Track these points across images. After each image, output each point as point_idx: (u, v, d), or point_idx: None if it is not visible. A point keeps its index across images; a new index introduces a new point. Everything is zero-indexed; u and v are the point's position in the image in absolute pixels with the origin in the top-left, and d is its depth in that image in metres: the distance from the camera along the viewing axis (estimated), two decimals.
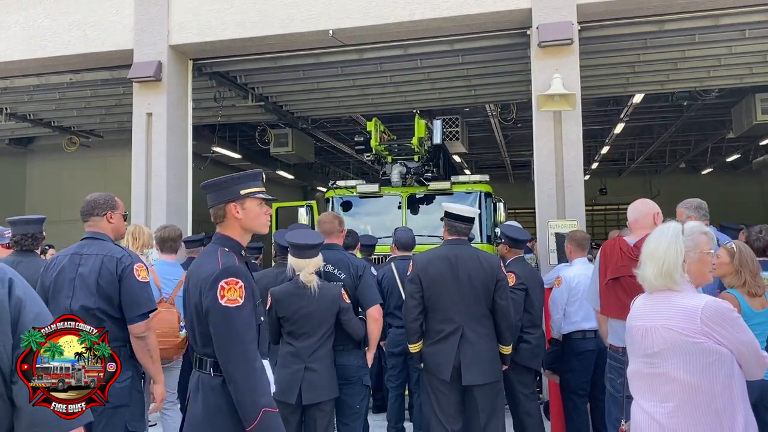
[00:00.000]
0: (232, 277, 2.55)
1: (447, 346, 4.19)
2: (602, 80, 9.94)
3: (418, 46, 8.32)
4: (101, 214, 3.77)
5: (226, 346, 2.51)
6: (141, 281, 3.63)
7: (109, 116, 11.69)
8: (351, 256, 4.70)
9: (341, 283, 4.32)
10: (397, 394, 5.63)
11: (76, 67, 8.93)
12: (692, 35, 8.12)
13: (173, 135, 8.20)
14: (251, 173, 2.80)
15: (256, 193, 2.73)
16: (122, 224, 3.95)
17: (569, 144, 7.10)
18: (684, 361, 2.40)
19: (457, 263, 4.27)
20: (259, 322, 2.67)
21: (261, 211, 2.76)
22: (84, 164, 14.31)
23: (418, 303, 4.28)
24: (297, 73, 9.43)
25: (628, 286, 3.81)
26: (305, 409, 4.06)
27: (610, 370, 4.01)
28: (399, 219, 9.10)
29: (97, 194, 3.86)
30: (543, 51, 7.12)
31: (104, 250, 3.64)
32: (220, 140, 13.75)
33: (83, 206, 3.80)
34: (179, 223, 8.23)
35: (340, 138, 15.53)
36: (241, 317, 2.53)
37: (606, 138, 16.39)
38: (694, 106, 13.02)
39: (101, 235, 3.74)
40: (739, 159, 19.57)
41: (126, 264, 3.60)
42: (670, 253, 2.50)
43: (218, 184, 2.76)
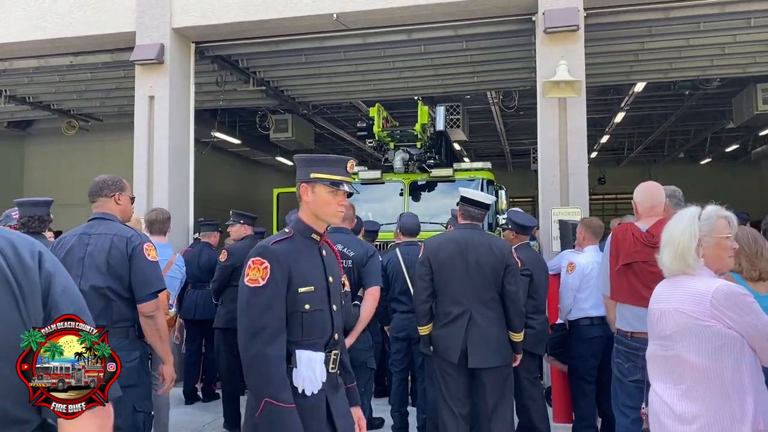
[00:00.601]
0: (259, 257, 2.44)
1: (455, 329, 4.22)
2: (605, 68, 9.90)
3: (422, 31, 8.27)
4: (109, 195, 3.76)
5: (239, 327, 2.44)
6: (151, 260, 3.63)
7: (108, 100, 11.62)
8: (360, 240, 4.75)
9: (346, 265, 4.32)
10: (401, 379, 5.63)
11: (76, 49, 8.85)
12: (697, 23, 8.09)
13: (175, 118, 8.16)
14: (331, 158, 2.62)
15: (326, 180, 2.54)
16: (130, 206, 3.94)
17: (574, 131, 7.09)
18: (694, 344, 2.41)
19: (467, 248, 4.29)
20: (301, 310, 2.46)
21: (332, 200, 2.56)
22: (83, 148, 14.24)
23: (428, 285, 4.32)
24: (299, 58, 9.37)
25: (640, 271, 3.82)
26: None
27: (617, 354, 4.02)
28: (401, 206, 9.08)
29: (105, 176, 3.85)
30: (549, 37, 7.09)
31: (113, 230, 3.64)
32: (220, 125, 13.70)
33: (91, 187, 3.80)
34: (181, 208, 8.24)
35: (340, 125, 15.47)
36: (256, 299, 2.40)
37: (606, 127, 16.36)
38: (695, 95, 13.00)
39: (109, 216, 3.74)
40: (738, 149, 19.57)
41: (136, 243, 3.60)
42: (684, 236, 2.51)
43: (299, 161, 2.64)
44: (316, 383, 2.44)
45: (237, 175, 17.98)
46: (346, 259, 4.41)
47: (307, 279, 2.51)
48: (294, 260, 2.49)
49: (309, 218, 2.60)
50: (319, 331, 2.52)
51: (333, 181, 2.53)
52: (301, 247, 2.56)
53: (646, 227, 3.98)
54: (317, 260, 2.61)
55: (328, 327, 2.56)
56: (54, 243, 3.88)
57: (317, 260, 2.61)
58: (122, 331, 3.53)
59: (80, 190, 12.77)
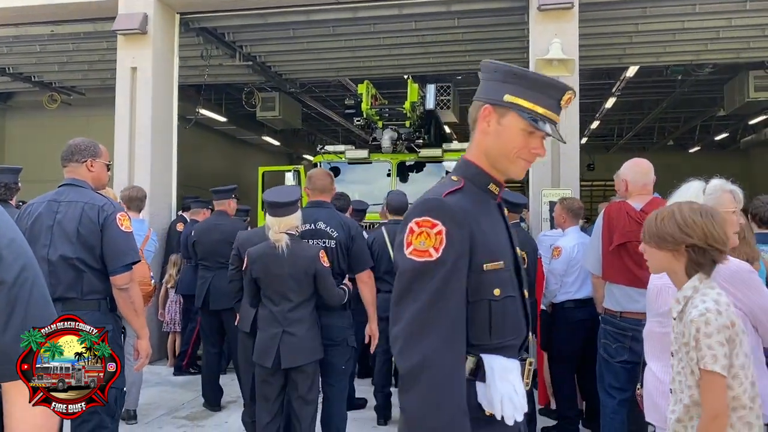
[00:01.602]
0: (429, 215, 1.63)
1: None
2: (598, 50, 9.76)
3: (414, 6, 8.10)
4: (81, 160, 3.56)
5: (393, 320, 1.64)
6: (124, 230, 3.44)
7: (91, 72, 11.34)
8: (342, 215, 4.56)
9: (329, 245, 4.16)
10: (385, 359, 5.53)
11: (57, 17, 8.59)
12: (693, 5, 7.98)
13: (159, 91, 7.94)
14: (541, 80, 1.75)
15: (526, 111, 1.69)
16: (104, 174, 3.72)
17: (566, 111, 6.94)
18: None
19: None
20: (489, 297, 1.67)
21: (523, 143, 1.73)
22: (65, 123, 13.90)
23: None
24: (287, 32, 9.16)
25: (635, 251, 3.70)
26: (287, 372, 3.94)
27: (604, 335, 3.93)
28: (388, 186, 8.94)
29: (79, 139, 3.64)
30: (543, 15, 6.94)
31: (84, 198, 3.44)
32: (206, 102, 13.44)
33: (63, 150, 3.60)
34: (163, 184, 8.06)
35: (328, 104, 15.26)
36: (426, 279, 1.59)
37: (596, 113, 16.28)
38: (687, 81, 12.91)
39: (81, 182, 3.53)
40: (727, 138, 19.60)
41: (108, 212, 3.41)
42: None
43: (490, 70, 1.79)
44: (520, 406, 1.67)
45: (222, 154, 17.74)
46: (329, 239, 4.21)
47: (494, 250, 1.71)
48: (476, 222, 1.68)
49: (482, 160, 1.79)
50: (513, 329, 1.75)
51: (536, 115, 1.69)
52: (478, 204, 1.74)
53: (640, 206, 3.88)
54: (500, 223, 1.82)
55: (521, 322, 1.79)
56: (21, 210, 3.69)
57: (500, 223, 1.82)
58: (93, 304, 3.36)
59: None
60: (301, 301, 3.90)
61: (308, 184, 4.44)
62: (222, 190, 6.08)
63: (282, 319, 3.88)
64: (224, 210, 6.03)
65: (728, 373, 2.06)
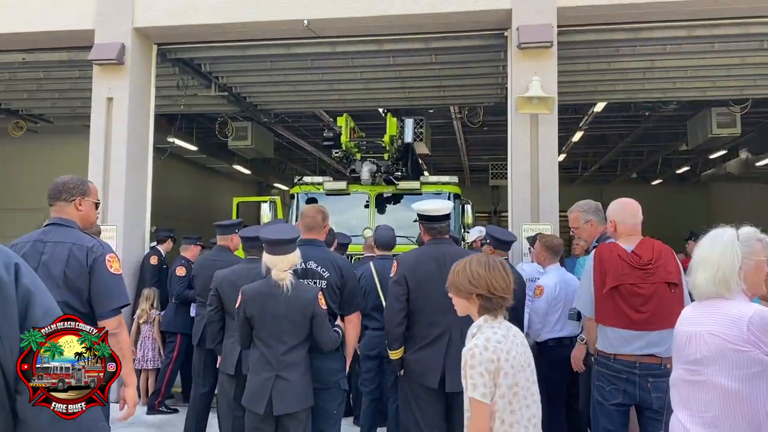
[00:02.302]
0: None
1: (434, 352, 3.93)
2: (570, 87, 9.96)
3: (392, 42, 8.19)
4: (69, 199, 3.43)
5: None
6: (113, 273, 3.32)
7: (61, 100, 11.11)
8: (334, 254, 4.51)
9: (320, 285, 4.09)
10: (371, 399, 5.44)
11: (30, 45, 8.42)
12: (664, 45, 8.23)
13: (134, 122, 7.81)
14: None
15: None
16: (93, 213, 3.60)
17: (545, 147, 7.08)
18: (726, 369, 2.30)
19: (445, 263, 3.96)
20: None
21: None
22: (30, 151, 13.56)
23: (403, 307, 3.98)
24: (265, 64, 9.15)
25: (628, 294, 3.74)
26: (279, 419, 3.81)
27: (597, 377, 3.89)
28: (366, 218, 8.92)
29: (67, 177, 3.52)
30: (522, 53, 7.07)
31: (72, 238, 3.31)
32: (176, 131, 13.29)
33: (51, 188, 3.46)
34: (137, 217, 7.92)
35: (301, 134, 15.24)
36: None
37: (563, 146, 16.59)
38: (651, 117, 13.28)
39: (68, 222, 3.40)
40: (688, 172, 20.17)
41: (97, 254, 3.29)
42: (726, 259, 2.39)
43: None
44: None
45: (191, 182, 17.50)
46: (320, 279, 4.14)
47: None
48: None
49: None
50: None
51: None
52: None
53: (631, 247, 3.90)
54: None
55: None
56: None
57: None
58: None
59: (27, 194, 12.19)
60: (295, 344, 3.81)
61: (300, 221, 4.38)
62: (225, 225, 5.88)
63: (275, 363, 3.77)
64: (226, 245, 5.79)
65: (490, 401, 2.45)
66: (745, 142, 14.90)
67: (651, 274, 3.77)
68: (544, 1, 7.02)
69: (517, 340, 2.63)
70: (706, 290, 2.44)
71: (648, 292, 3.73)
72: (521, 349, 2.61)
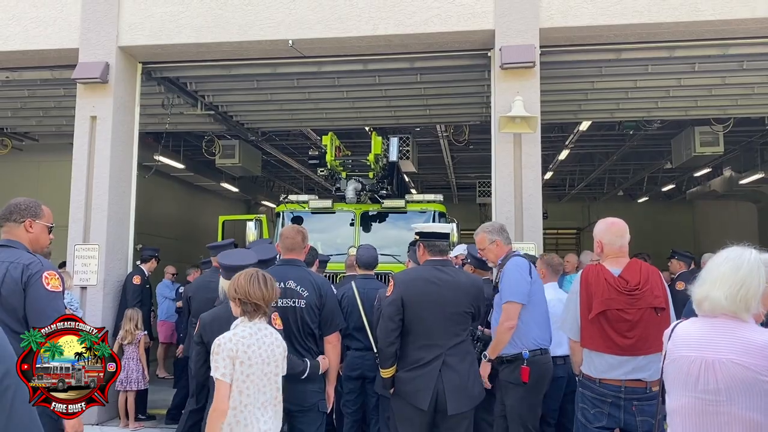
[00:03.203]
0: None
1: (427, 373, 3.89)
2: (554, 106, 10.06)
3: (378, 62, 8.23)
4: (19, 220, 3.36)
5: None
6: (50, 290, 3.19)
7: (46, 119, 11.07)
8: (313, 273, 4.49)
9: (299, 305, 4.07)
10: (353, 420, 5.39)
11: (14, 64, 8.39)
12: (645, 65, 8.32)
13: (118, 141, 7.79)
14: None
15: None
16: (45, 236, 3.51)
17: (528, 166, 7.11)
18: (752, 401, 2.20)
19: (443, 285, 3.99)
20: None
21: None
22: (16, 168, 13.48)
23: (397, 326, 3.94)
24: (251, 83, 9.17)
25: (615, 319, 3.68)
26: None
27: (582, 399, 3.83)
28: (351, 236, 8.92)
29: (21, 199, 3.45)
30: (505, 73, 7.13)
31: (12, 257, 3.22)
32: (163, 149, 13.27)
33: (2, 209, 3.40)
34: (121, 234, 7.85)
35: (289, 152, 15.25)
36: None
37: (549, 164, 16.70)
38: (636, 136, 13.41)
39: (14, 243, 3.32)
40: (673, 189, 20.33)
41: (33, 271, 3.18)
42: (752, 279, 2.30)
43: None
44: None
45: (178, 200, 17.43)
46: (298, 299, 4.12)
47: None
48: None
49: None
50: None
51: None
52: None
53: (618, 270, 3.80)
54: None
55: None
56: None
57: None
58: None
59: None
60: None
61: (280, 242, 4.38)
62: (218, 246, 5.85)
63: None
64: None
65: (229, 381, 3.11)
66: (728, 160, 15.06)
67: (638, 299, 3.69)
68: (526, 23, 7.09)
69: (267, 340, 3.31)
70: (722, 306, 2.34)
71: (634, 318, 3.66)
72: (267, 348, 3.29)
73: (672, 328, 2.53)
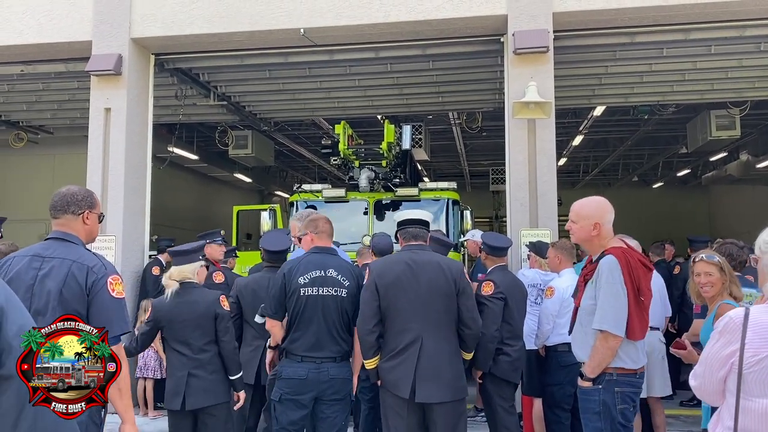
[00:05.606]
0: None
1: (405, 359, 3.78)
2: (568, 91, 9.96)
3: (390, 50, 8.19)
4: (77, 212, 3.11)
5: None
6: (116, 297, 3.02)
7: (61, 111, 11.16)
8: (351, 263, 4.44)
9: (340, 294, 4.03)
10: (370, 407, 5.40)
11: (28, 58, 8.46)
12: (660, 48, 8.22)
13: (132, 133, 7.83)
14: None
15: None
16: (97, 227, 3.31)
17: (542, 152, 7.07)
18: None
19: (416, 268, 3.90)
20: None
21: None
22: (32, 162, 13.62)
23: (375, 313, 3.84)
24: (263, 73, 9.17)
25: (648, 303, 3.48)
26: (197, 416, 4.11)
27: (623, 400, 3.42)
28: (365, 225, 8.93)
29: (74, 188, 3.21)
30: (518, 58, 7.07)
31: (73, 255, 3.02)
32: (177, 140, 13.33)
33: (55, 200, 3.15)
34: (137, 226, 7.91)
35: (301, 142, 15.28)
36: None
37: (563, 150, 16.60)
38: (651, 120, 13.28)
39: (71, 237, 3.11)
40: (688, 174, 20.14)
41: (99, 275, 2.99)
42: None
43: None
44: None
45: (192, 191, 17.54)
46: (340, 288, 4.04)
47: None
48: None
49: None
50: None
51: None
52: None
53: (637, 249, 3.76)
54: None
55: None
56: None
57: None
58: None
59: (28, 205, 12.19)
60: (203, 345, 4.20)
61: (310, 228, 4.27)
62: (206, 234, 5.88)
63: (188, 362, 4.25)
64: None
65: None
66: (745, 144, 14.89)
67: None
68: (539, 7, 7.02)
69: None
70: None
71: (650, 296, 3.54)
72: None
73: (744, 316, 2.14)
